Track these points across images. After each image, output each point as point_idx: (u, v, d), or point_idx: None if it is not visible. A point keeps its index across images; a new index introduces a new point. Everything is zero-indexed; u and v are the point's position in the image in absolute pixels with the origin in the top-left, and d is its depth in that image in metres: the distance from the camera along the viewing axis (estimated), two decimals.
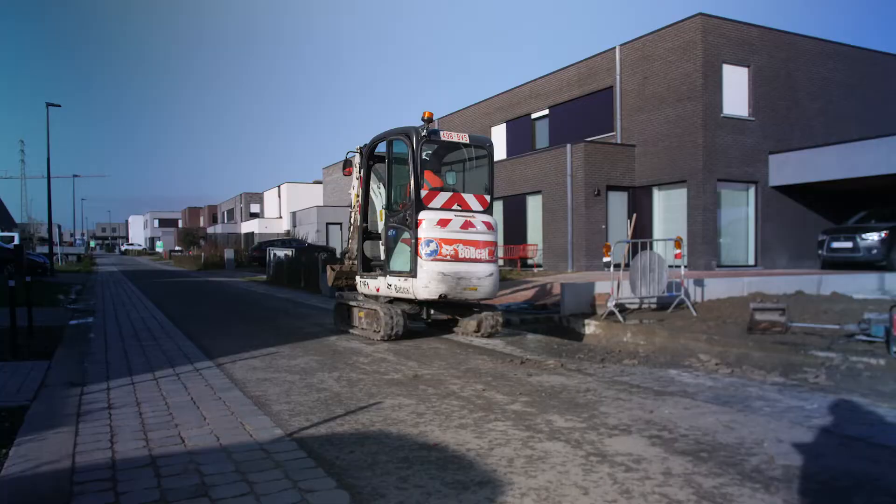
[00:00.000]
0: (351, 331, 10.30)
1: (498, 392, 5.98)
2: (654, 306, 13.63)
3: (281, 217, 72.76)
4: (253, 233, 70.12)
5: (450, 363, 7.53)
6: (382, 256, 10.11)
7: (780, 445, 4.39)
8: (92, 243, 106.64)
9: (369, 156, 10.76)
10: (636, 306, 13.50)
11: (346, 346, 8.98)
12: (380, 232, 10.31)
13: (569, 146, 23.94)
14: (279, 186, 75.40)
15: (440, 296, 9.12)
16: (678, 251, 13.03)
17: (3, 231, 49.62)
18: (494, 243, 9.81)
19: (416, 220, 9.17)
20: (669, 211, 23.27)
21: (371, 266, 10.65)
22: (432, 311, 10.05)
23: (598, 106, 25.97)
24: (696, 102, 21.60)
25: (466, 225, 9.43)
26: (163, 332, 10.76)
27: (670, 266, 13.31)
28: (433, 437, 4.61)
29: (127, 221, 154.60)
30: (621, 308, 12.69)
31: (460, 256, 9.25)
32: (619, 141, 24.59)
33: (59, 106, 36.18)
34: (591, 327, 12.31)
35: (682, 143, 22.08)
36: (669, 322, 11.95)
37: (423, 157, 9.68)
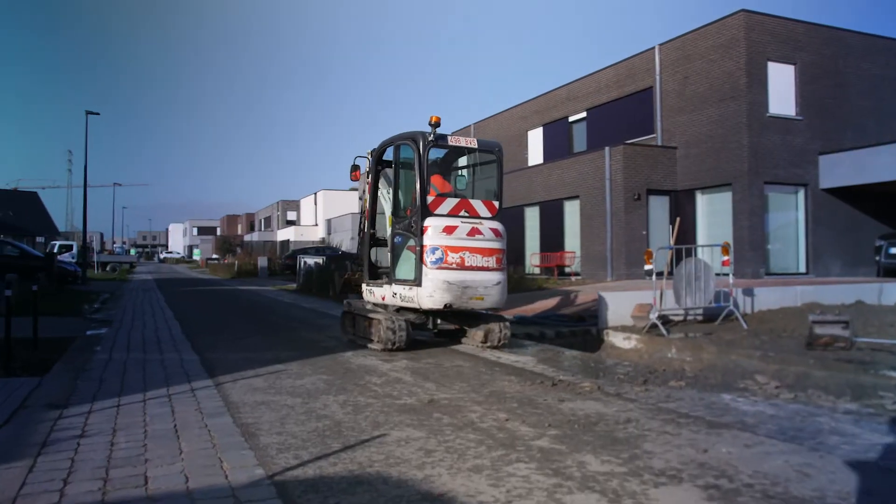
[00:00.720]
0: (355, 340, 9.79)
1: (523, 422, 5.16)
2: (699, 318, 12.67)
3: (317, 224, 72.72)
4: (289, 240, 70.19)
5: (472, 385, 6.73)
6: (389, 264, 9.72)
7: (873, 501, 3.50)
8: (132, 251, 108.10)
9: (378, 160, 10.33)
10: (680, 318, 12.55)
11: (361, 363, 8.23)
12: (387, 238, 9.92)
13: (607, 149, 23.00)
14: (315, 194, 75.44)
15: (445, 306, 8.74)
16: (726, 258, 12.06)
17: (56, 240, 50.02)
18: (502, 251, 9.36)
19: (422, 226, 8.81)
20: (713, 216, 22.15)
21: (379, 274, 10.18)
22: (439, 321, 9.66)
23: (637, 107, 25.00)
24: (739, 102, 20.50)
25: (473, 232, 9.03)
26: (171, 345, 10.17)
27: (717, 274, 12.34)
28: (440, 483, 3.82)
29: (167, 229, 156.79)
30: (664, 320, 11.77)
31: (467, 264, 8.86)
32: (659, 143, 23.57)
33: (98, 114, 36.18)
34: (631, 341, 11.41)
35: (726, 144, 20.98)
36: (718, 336, 10.99)
37: (432, 162, 9.41)
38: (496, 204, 9.66)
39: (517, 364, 8.08)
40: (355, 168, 10.56)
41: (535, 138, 31.32)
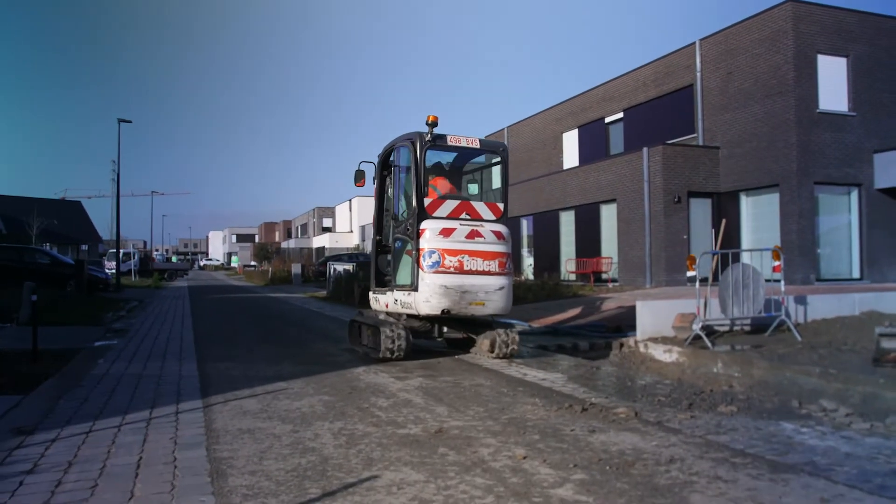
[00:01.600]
0: (368, 353, 9.19)
1: (544, 461, 4.31)
2: (747, 328, 11.64)
3: (352, 231, 72.46)
4: (324, 247, 69.98)
5: (489, 410, 5.89)
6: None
7: None
8: (174, 258, 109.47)
9: (383, 164, 9.84)
10: (726, 328, 11.54)
11: (370, 381, 7.45)
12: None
13: (645, 150, 21.96)
14: (350, 200, 75.17)
15: (442, 311, 8.39)
16: (777, 263, 11.02)
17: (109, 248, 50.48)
18: (506, 254, 8.90)
19: (418, 229, 8.48)
20: (759, 219, 20.96)
21: (385, 281, 9.66)
22: (445, 329, 9.21)
23: (677, 106, 23.93)
24: (787, 97, 19.32)
25: (473, 234, 8.65)
26: (176, 357, 9.55)
27: (766, 280, 11.31)
28: None
29: (207, 237, 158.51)
30: (709, 331, 10.78)
31: (466, 268, 8.48)
32: (701, 143, 22.45)
33: (130, 122, 36.58)
34: (672, 354, 10.45)
35: (773, 142, 19.80)
36: (769, 349, 9.98)
37: (435, 164, 9.19)
38: (500, 206, 9.23)
39: (544, 383, 7.22)
40: (360, 174, 9.92)
41: (571, 141, 30.36)
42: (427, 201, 8.69)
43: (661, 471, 4.10)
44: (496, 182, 9.73)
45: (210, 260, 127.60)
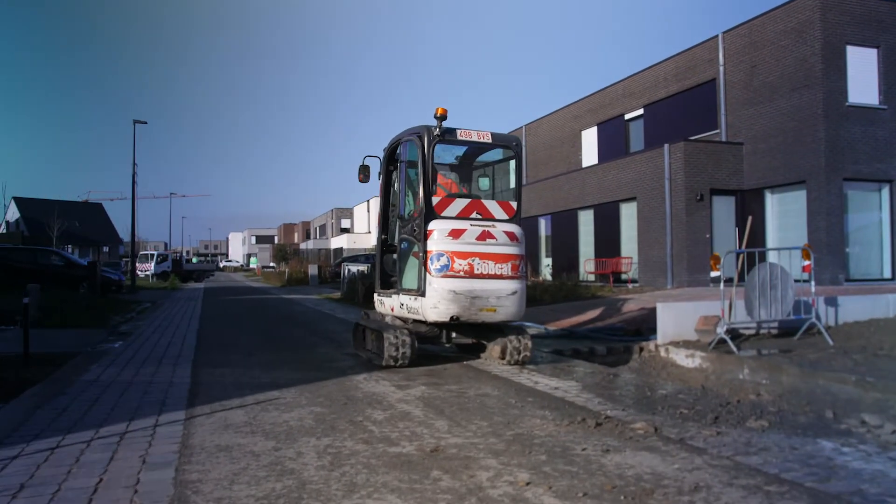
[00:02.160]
0: (371, 359, 8.70)
1: (549, 489, 3.78)
2: (774, 332, 11.03)
3: (370, 232, 72.12)
4: (342, 248, 69.72)
5: (494, 424, 5.36)
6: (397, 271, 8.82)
7: None
8: (194, 260, 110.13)
9: (389, 159, 9.31)
10: (752, 331, 10.94)
11: (370, 390, 6.95)
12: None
13: (666, 146, 21.30)
14: (368, 201, 74.88)
15: (452, 318, 7.89)
16: (807, 262, 10.40)
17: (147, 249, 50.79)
18: (520, 257, 8.33)
19: (426, 230, 7.93)
20: (785, 217, 20.22)
21: (391, 283, 9.15)
22: (453, 334, 8.65)
23: (699, 102, 23.23)
24: (815, 91, 18.59)
25: (484, 235, 8.09)
26: (173, 362, 9.15)
27: (795, 280, 10.68)
28: None
29: (227, 238, 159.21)
30: (734, 334, 10.19)
31: (476, 272, 7.94)
32: (724, 139, 21.75)
33: (146, 123, 36.67)
34: (695, 359, 9.87)
35: (800, 137, 19.07)
36: (798, 353, 9.37)
37: (450, 159, 8.79)
38: (514, 205, 8.65)
39: (556, 392, 6.68)
40: (364, 169, 9.40)
41: (590, 138, 29.73)
42: (435, 200, 8.16)
43: (683, 501, 3.56)
44: (509, 179, 9.16)
45: (230, 261, 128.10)
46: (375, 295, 9.29)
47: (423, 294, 7.84)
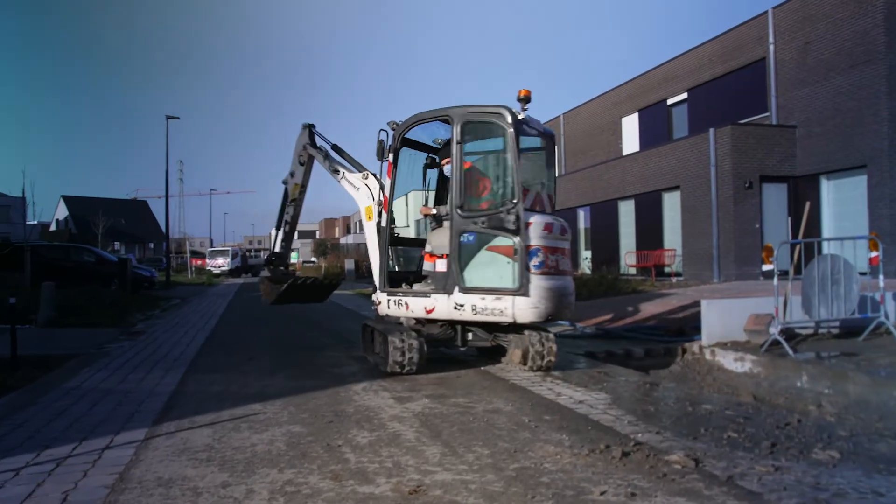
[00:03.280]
0: (378, 364, 7.83)
1: None
2: (834, 331, 9.84)
3: (408, 226, 71.31)
4: None
5: (497, 452, 4.40)
6: (436, 268, 7.85)
7: None
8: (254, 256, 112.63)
9: (403, 139, 8.37)
10: (810, 331, 9.77)
11: (365, 403, 6.04)
12: (420, 235, 8.80)
13: (712, 131, 19.99)
14: (406, 195, 74.29)
15: (547, 317, 7.32)
16: (875, 254, 9.20)
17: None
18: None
19: (526, 222, 7.16)
20: (843, 204, 18.77)
21: (403, 280, 8.37)
22: (469, 336, 7.88)
23: (747, 83, 21.83)
24: (877, 66, 17.11)
25: (563, 230, 7.71)
26: (167, 366, 8.45)
27: (860, 274, 9.48)
28: None
29: (270, 234, 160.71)
30: (789, 335, 9.05)
31: (560, 268, 7.47)
32: (775, 122, 20.33)
33: (178, 118, 36.70)
34: (745, 363, 8.77)
35: (860, 118, 17.61)
36: (865, 357, 8.19)
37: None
38: (554, 198, 8.29)
39: (580, 408, 5.69)
40: (380, 144, 8.25)
41: (630, 125, 28.44)
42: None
43: None
44: (547, 171, 8.35)
45: None
46: (377, 294, 8.23)
47: (524, 293, 7.07)
